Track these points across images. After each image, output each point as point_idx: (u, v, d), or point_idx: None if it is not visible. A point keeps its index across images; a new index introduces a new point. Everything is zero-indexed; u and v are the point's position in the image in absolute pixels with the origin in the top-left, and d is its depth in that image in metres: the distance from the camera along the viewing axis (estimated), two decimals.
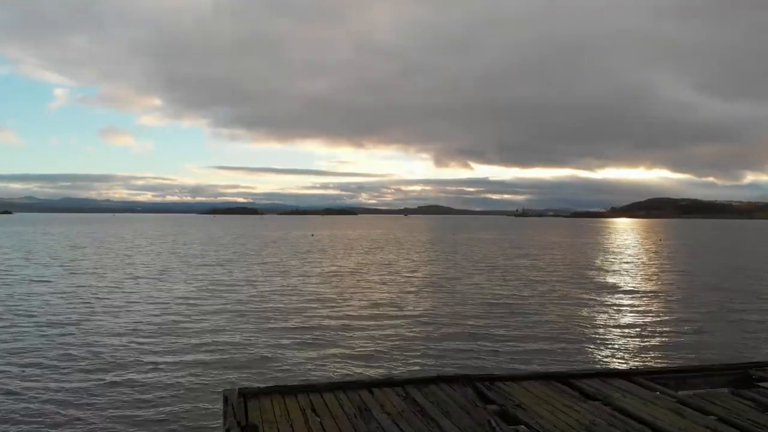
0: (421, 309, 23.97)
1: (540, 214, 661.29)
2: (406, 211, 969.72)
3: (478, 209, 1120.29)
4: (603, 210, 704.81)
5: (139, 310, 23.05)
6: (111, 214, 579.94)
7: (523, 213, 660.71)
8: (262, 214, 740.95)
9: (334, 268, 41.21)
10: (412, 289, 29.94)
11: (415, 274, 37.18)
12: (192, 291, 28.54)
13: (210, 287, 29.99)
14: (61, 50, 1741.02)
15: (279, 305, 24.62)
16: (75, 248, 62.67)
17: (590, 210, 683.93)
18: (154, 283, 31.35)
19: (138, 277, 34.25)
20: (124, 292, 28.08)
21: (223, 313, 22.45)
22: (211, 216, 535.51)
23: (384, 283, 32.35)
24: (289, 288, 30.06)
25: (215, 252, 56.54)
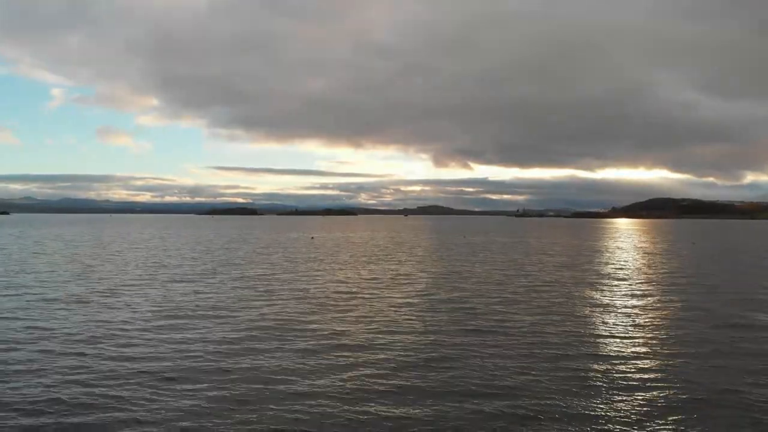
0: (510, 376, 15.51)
1: (540, 214, 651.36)
2: (406, 212, 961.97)
3: (477, 209, 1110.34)
4: (604, 210, 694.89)
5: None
6: (108, 215, 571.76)
7: (524, 213, 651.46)
8: (261, 214, 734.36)
9: (338, 286, 32.59)
10: (457, 328, 21.34)
11: (449, 297, 28.50)
12: (134, 331, 20.01)
13: (159, 328, 21.46)
14: (58, 49, 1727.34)
15: (254, 366, 16.11)
16: (39, 255, 54.23)
17: (591, 210, 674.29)
18: (91, 310, 22.76)
19: (79, 301, 25.65)
20: (37, 326, 19.55)
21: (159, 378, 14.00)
22: (210, 216, 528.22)
23: (414, 316, 23.80)
24: (274, 326, 21.49)
25: (196, 260, 47.95)
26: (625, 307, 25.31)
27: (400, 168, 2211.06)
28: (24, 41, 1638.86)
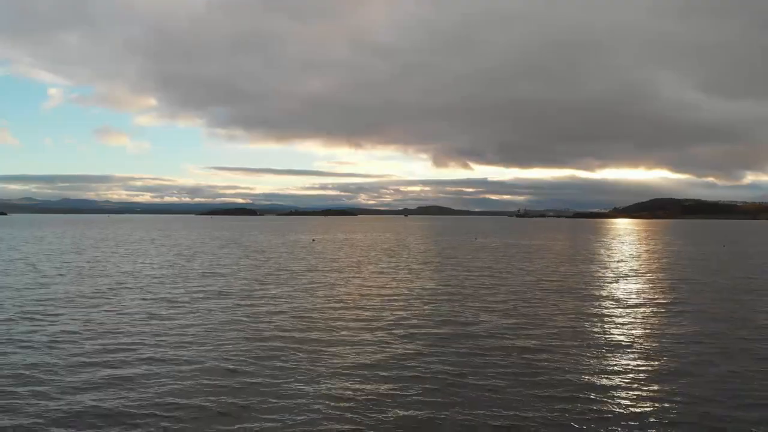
0: None
1: (541, 214, 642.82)
2: (405, 212, 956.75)
3: (477, 210, 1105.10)
4: (605, 210, 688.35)
5: None
6: (107, 216, 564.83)
7: (525, 214, 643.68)
8: (261, 214, 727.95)
9: (348, 312, 25.68)
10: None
11: (494, 333, 21.51)
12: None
13: (71, 392, 14.57)
14: (56, 49, 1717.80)
15: None
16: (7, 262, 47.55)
17: (592, 210, 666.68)
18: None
19: None
20: None
21: None
22: (209, 217, 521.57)
23: (466, 369, 16.87)
24: (261, 390, 14.57)
25: (175, 268, 40.86)
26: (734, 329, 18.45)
27: (400, 168, 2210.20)
28: (21, 41, 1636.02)
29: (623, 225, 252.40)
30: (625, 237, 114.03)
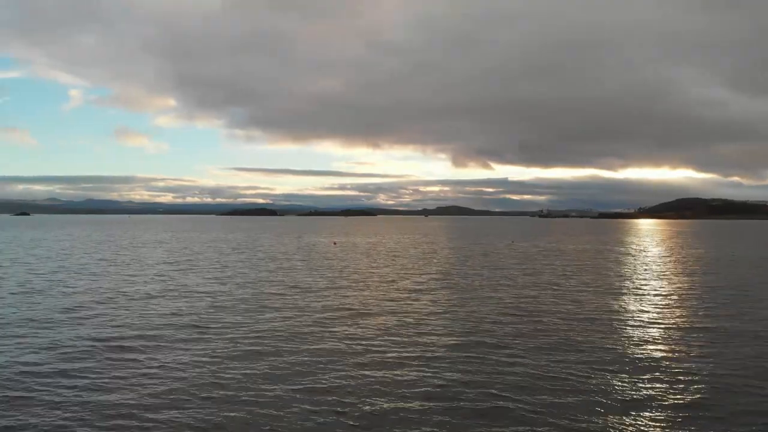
0: None
1: (564, 215, 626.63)
2: (425, 212, 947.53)
3: (498, 210, 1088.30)
4: (630, 210, 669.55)
5: None
6: (128, 216, 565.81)
7: (548, 214, 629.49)
8: (281, 215, 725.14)
9: (389, 366, 17.65)
10: None
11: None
12: None
13: None
14: (72, 50, 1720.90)
15: None
16: None
17: (616, 211, 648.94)
18: None
19: None
20: None
21: None
22: (229, 217, 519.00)
23: None
24: None
25: (156, 287, 33.43)
26: None
27: (419, 168, 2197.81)
28: (39, 42, 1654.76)
29: (653, 226, 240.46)
30: (672, 240, 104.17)
